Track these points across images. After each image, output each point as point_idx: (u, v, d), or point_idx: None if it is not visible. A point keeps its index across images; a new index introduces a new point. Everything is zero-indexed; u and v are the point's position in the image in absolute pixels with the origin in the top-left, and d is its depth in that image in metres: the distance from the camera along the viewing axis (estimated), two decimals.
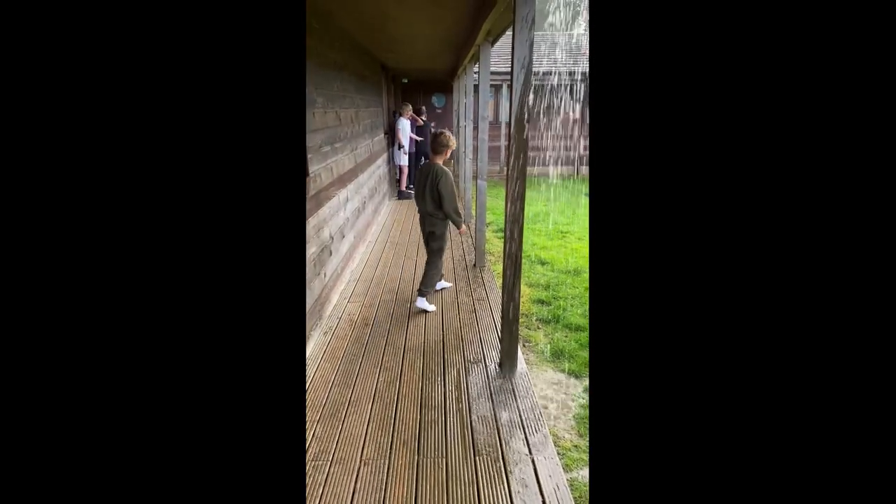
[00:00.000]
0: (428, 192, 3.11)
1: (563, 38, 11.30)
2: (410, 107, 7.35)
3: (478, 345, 2.86)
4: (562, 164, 10.87)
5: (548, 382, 2.79)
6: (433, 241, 3.26)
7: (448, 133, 3.11)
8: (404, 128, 7.12)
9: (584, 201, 7.80)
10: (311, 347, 2.86)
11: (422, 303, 3.31)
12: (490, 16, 2.72)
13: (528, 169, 2.30)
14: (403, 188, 7.52)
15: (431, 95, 10.84)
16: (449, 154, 3.15)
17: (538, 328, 3.45)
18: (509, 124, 2.21)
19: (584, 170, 10.62)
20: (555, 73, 10.31)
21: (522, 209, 2.31)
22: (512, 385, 2.44)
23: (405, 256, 4.67)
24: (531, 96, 2.17)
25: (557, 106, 10.48)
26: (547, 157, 10.93)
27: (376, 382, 2.50)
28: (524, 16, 2.07)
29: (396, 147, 7.22)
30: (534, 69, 2.14)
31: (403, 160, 7.32)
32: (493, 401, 2.31)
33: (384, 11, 3.25)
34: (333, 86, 3.61)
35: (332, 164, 3.54)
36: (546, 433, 2.08)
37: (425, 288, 3.29)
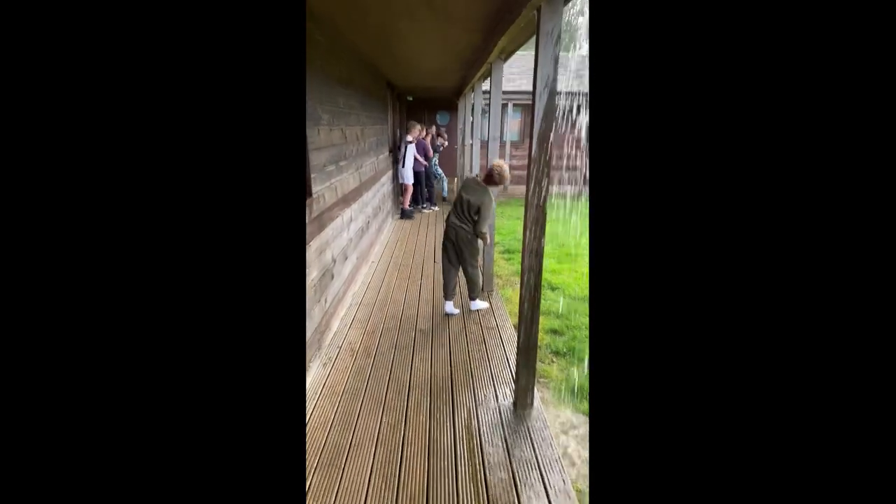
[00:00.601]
0: (466, 207, 3.18)
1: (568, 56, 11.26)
2: (418, 126, 7.10)
3: (489, 381, 2.65)
4: (568, 184, 10.74)
5: (566, 425, 2.57)
6: (470, 259, 3.36)
7: (506, 169, 3.15)
8: (409, 147, 6.98)
9: None
10: (310, 381, 2.65)
11: (475, 305, 3.63)
12: (508, 32, 2.57)
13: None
14: (406, 206, 7.37)
15: (436, 113, 10.79)
16: (503, 187, 3.28)
17: (552, 362, 3.23)
18: (529, 145, 2.03)
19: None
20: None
21: (542, 238, 2.13)
22: (528, 429, 2.23)
23: (409, 279, 4.47)
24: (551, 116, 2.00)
25: (569, 123, 10.39)
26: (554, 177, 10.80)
27: (379, 423, 2.28)
28: (549, 31, 1.91)
29: (401, 165, 7.07)
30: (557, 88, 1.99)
31: (408, 178, 7.16)
32: (508, 448, 2.10)
33: (393, 27, 3.12)
34: (339, 102, 3.47)
35: (337, 183, 3.38)
36: (570, 489, 1.86)
37: (474, 294, 3.60)
